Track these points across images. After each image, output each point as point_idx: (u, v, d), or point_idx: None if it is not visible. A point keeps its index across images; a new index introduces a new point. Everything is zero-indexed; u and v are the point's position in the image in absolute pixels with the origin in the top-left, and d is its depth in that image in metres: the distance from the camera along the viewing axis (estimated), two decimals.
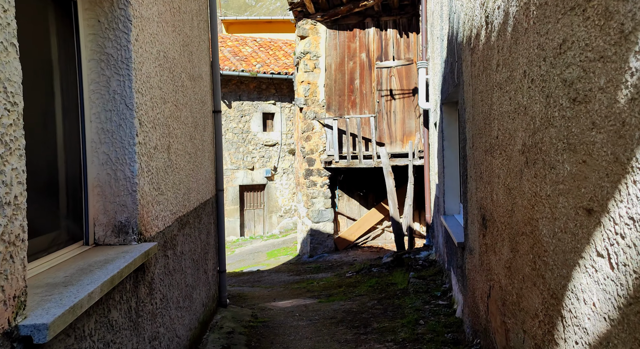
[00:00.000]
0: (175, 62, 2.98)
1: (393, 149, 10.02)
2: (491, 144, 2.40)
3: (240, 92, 14.51)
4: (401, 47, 9.90)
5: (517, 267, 1.89)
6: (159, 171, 2.42)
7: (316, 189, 10.42)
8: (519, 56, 1.78)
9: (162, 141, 2.50)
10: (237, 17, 21.62)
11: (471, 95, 3.09)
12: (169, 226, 2.60)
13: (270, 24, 21.62)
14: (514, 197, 1.92)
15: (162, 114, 2.53)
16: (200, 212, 3.93)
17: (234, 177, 14.75)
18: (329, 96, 10.27)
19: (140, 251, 1.79)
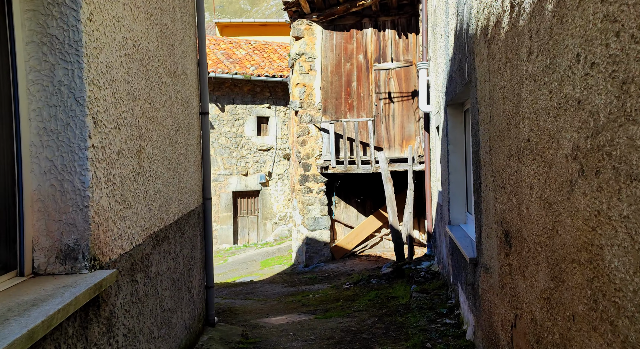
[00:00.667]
0: (151, 55, 2.59)
1: (392, 154, 9.66)
2: (519, 148, 2.03)
3: (233, 96, 14.14)
4: (400, 49, 9.57)
5: (562, 301, 1.52)
6: (125, 180, 2.04)
7: (312, 195, 10.03)
8: (566, 37, 1.42)
9: (129, 144, 2.11)
10: (231, 20, 21.28)
11: (487, 93, 2.73)
12: (138, 244, 2.21)
13: (265, 27, 21.30)
14: (557, 214, 1.55)
15: (131, 113, 2.15)
16: (183, 224, 3.54)
17: (227, 183, 14.35)
18: (326, 99, 9.91)
19: (90, 283, 1.41)
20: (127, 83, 2.09)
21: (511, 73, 2.14)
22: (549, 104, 1.60)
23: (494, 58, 2.50)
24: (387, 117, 9.69)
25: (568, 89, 1.42)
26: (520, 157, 2.02)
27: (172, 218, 3.10)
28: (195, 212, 4.22)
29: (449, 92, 4.82)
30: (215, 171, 14.10)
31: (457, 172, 5.05)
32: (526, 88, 1.89)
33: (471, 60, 3.27)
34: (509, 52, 2.17)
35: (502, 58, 2.32)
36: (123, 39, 2.05)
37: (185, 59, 3.88)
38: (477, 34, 3.01)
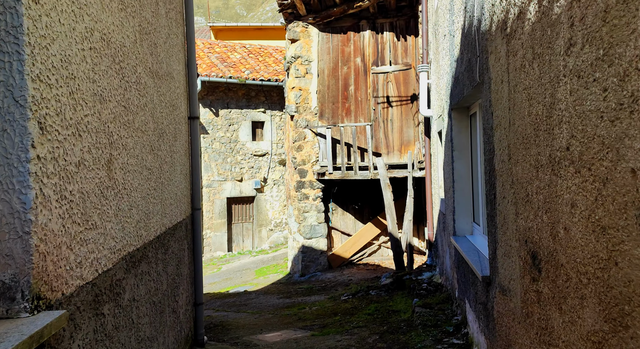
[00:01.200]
0: (126, 51, 2.28)
1: (390, 160, 9.37)
2: (553, 158, 1.73)
3: (228, 100, 13.83)
4: (398, 51, 9.30)
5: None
6: (89, 196, 1.72)
7: (308, 202, 9.71)
8: (633, 19, 1.12)
9: (95, 153, 1.80)
10: (226, 24, 21.01)
11: (506, 94, 2.43)
12: (107, 270, 1.89)
13: (260, 31, 21.03)
14: (616, 242, 1.24)
15: (97, 118, 1.83)
16: (168, 239, 3.22)
17: (222, 189, 14.01)
18: (322, 103, 9.61)
19: (25, 334, 1.09)
20: (92, 82, 1.77)
21: (541, 70, 1.84)
22: (602, 105, 1.30)
23: (516, 55, 2.20)
24: (386, 122, 9.41)
25: (635, 86, 1.12)
26: (555, 168, 1.71)
27: (154, 234, 2.78)
28: (183, 224, 3.89)
29: (454, 95, 4.53)
30: (209, 176, 13.77)
31: (463, 180, 4.75)
32: (564, 87, 1.59)
33: (483, 59, 2.98)
34: (537, 46, 1.87)
35: (526, 54, 2.02)
36: (87, 30, 1.74)
37: (171, 59, 3.57)
38: (491, 29, 2.72)
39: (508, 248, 2.53)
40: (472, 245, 4.29)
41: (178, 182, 3.73)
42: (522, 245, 2.22)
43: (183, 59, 4.22)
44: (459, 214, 4.79)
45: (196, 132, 4.41)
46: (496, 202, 2.81)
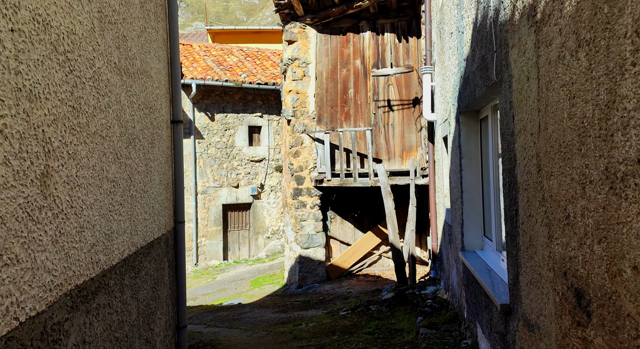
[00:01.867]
0: (77, 40, 1.88)
1: (392, 166, 8.98)
2: (613, 173, 1.33)
3: (224, 104, 13.46)
4: (400, 53, 8.92)
5: None
6: (5, 222, 1.31)
7: (306, 210, 9.31)
8: None
9: (18, 166, 1.39)
10: (223, 27, 20.69)
11: (534, 93, 2.04)
12: (36, 314, 1.48)
13: (258, 35, 20.71)
14: None
15: (24, 119, 1.43)
16: (140, 260, 2.81)
17: (217, 196, 13.61)
18: (320, 107, 9.23)
19: None
20: (14, 73, 1.37)
21: (591, 60, 1.44)
22: None
23: (550, 45, 1.81)
24: (387, 127, 9.02)
25: None
26: (615, 186, 1.31)
27: (118, 257, 2.37)
28: (162, 240, 3.49)
29: (463, 97, 4.14)
30: (204, 183, 13.37)
31: (473, 190, 4.35)
32: (633, 79, 1.19)
33: (502, 54, 2.59)
34: (584, 30, 1.48)
35: (567, 42, 1.63)
36: (5, 5, 1.34)
37: (147, 55, 3.17)
38: (513, 19, 2.33)
39: (536, 276, 2.12)
40: (483, 263, 3.88)
41: (156, 193, 3.32)
42: (558, 277, 1.81)
43: (165, 58, 3.83)
44: (468, 227, 4.39)
45: (180, 138, 4.02)
46: (518, 220, 2.41)
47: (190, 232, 13.29)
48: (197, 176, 13.28)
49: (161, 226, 3.46)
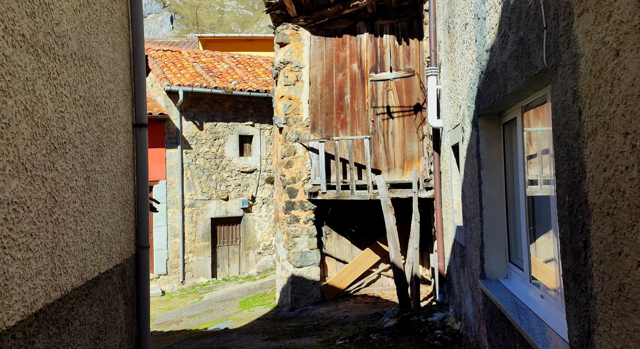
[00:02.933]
0: None
1: (392, 178, 8.30)
2: None
3: (213, 112, 12.77)
4: (400, 56, 8.30)
5: None
6: None
7: (299, 225, 8.58)
8: None
9: None
10: (215, 35, 20.08)
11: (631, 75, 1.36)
12: None
13: (250, 43, 20.13)
14: None
15: None
16: (71, 307, 2.09)
17: (205, 209, 12.85)
18: (315, 114, 8.56)
19: None
20: None
21: None
22: None
23: None
24: (386, 135, 8.36)
25: None
26: None
27: (22, 312, 1.65)
28: (114, 273, 2.76)
29: (484, 97, 3.47)
30: (191, 195, 12.62)
31: (495, 207, 3.67)
32: None
33: (560, 29, 1.92)
34: None
35: None
36: None
37: (93, 38, 2.48)
38: None
39: (635, 345, 1.42)
40: (512, 297, 3.18)
41: (105, 214, 2.61)
42: None
43: (125, 47, 3.14)
44: (490, 251, 3.69)
45: (144, 144, 3.31)
46: (590, 256, 1.72)
47: (176, 248, 12.51)
48: (185, 188, 12.54)
49: (113, 255, 2.74)
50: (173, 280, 12.53)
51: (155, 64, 13.00)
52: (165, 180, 12.32)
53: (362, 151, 8.41)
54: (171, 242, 12.49)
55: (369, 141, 7.98)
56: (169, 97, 12.15)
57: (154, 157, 12.09)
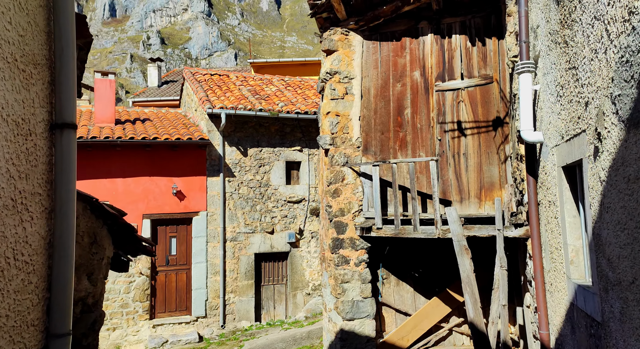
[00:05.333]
0: None
1: (465, 210, 6.60)
2: None
3: (258, 137, 11.68)
4: (474, 60, 6.73)
5: None
6: None
7: (349, 268, 7.03)
8: None
9: None
10: (267, 60, 19.43)
11: None
12: None
13: (304, 67, 19.27)
14: None
15: None
16: None
17: (249, 244, 11.60)
18: (367, 133, 7.12)
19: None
20: None
21: None
22: None
23: None
24: (457, 157, 6.72)
25: None
26: None
27: None
28: None
29: None
30: (234, 228, 11.44)
31: None
32: None
33: None
34: None
35: None
36: None
37: None
38: None
39: None
40: None
41: None
42: None
43: (41, 25, 1.88)
44: None
45: (71, 156, 2.00)
46: None
47: (217, 288, 11.29)
48: (226, 220, 11.40)
49: None
50: (212, 323, 11.26)
51: (200, 88, 12.22)
52: (206, 211, 11.26)
53: (426, 177, 6.81)
54: (211, 280, 11.30)
55: (435, 164, 6.37)
56: (211, 122, 11.22)
57: (194, 186, 11.11)
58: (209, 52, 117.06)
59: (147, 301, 10.77)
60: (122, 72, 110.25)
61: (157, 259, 11.08)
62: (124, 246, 3.68)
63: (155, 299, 11.00)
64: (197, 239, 11.23)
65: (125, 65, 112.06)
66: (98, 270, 3.27)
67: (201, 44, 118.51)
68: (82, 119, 11.63)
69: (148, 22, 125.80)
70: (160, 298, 11.08)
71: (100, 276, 3.32)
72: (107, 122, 11.26)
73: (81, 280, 3.05)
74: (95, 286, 3.20)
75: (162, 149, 10.84)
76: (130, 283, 10.64)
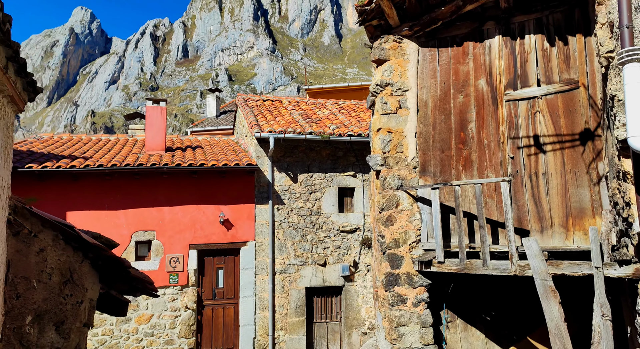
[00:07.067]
0: None
1: (548, 242, 5.41)
2: None
3: (309, 162, 11.02)
4: (553, 63, 5.67)
5: None
6: None
7: (406, 309, 5.99)
8: None
9: None
10: (322, 86, 19.06)
11: None
12: None
13: (359, 92, 18.65)
14: None
15: None
16: None
17: (299, 276, 10.78)
18: (425, 151, 6.19)
19: None
20: None
21: None
22: None
23: None
24: (535, 178, 5.60)
25: None
26: None
27: None
28: None
29: None
30: (283, 259, 10.70)
31: None
32: None
33: None
34: None
35: None
36: None
37: None
38: None
39: None
40: None
41: None
42: None
43: None
44: None
45: None
46: None
47: (265, 324, 10.50)
48: (275, 251, 10.69)
49: None
50: None
51: (250, 113, 11.88)
52: (254, 241, 10.64)
53: (496, 202, 5.72)
54: (259, 316, 10.53)
55: (508, 185, 5.29)
56: (260, 147, 10.74)
57: (242, 215, 10.57)
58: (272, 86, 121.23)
59: (193, 338, 10.17)
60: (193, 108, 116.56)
61: (204, 293, 10.53)
62: (116, 284, 3.01)
63: (201, 335, 10.39)
64: (244, 271, 10.59)
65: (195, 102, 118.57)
66: (73, 317, 2.58)
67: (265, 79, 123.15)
68: (135, 147, 11.60)
69: (217, 61, 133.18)
70: (207, 334, 10.45)
71: (76, 325, 2.62)
72: (158, 149, 11.12)
73: (44, 332, 2.35)
74: (68, 338, 2.51)
75: (210, 176, 10.46)
76: (176, 318, 10.12)
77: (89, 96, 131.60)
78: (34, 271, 2.28)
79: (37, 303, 2.29)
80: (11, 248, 2.18)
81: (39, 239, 2.34)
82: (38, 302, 2.28)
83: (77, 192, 9.75)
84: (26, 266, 2.23)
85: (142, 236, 10.05)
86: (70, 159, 9.78)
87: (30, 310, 2.21)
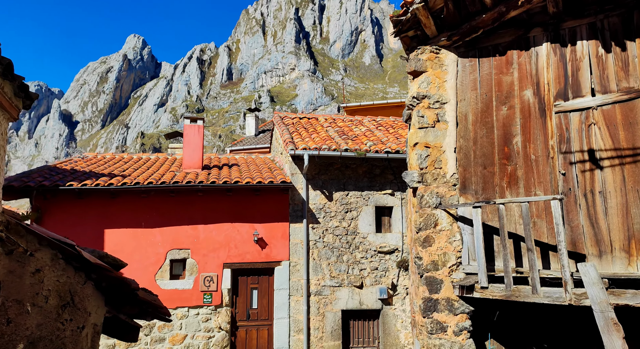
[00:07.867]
0: None
1: (607, 267, 4.83)
2: None
3: (345, 180, 10.73)
4: (610, 71, 5.17)
5: None
6: None
7: (446, 338, 5.51)
8: None
9: None
10: (360, 103, 18.84)
11: None
12: None
13: (398, 108, 18.27)
14: None
15: None
16: None
17: (335, 298, 10.39)
18: (465, 168, 5.77)
19: None
20: None
21: None
22: None
23: None
24: (591, 196, 5.05)
25: None
26: None
27: None
28: None
29: None
30: (318, 280, 10.36)
31: None
32: None
33: None
34: None
35: None
36: None
37: None
38: None
39: None
40: None
41: None
42: None
43: None
44: None
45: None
46: None
47: (300, 347, 10.13)
48: (310, 271, 10.38)
49: None
50: None
51: (286, 130, 11.78)
52: (289, 261, 10.38)
53: (546, 223, 5.21)
54: (294, 339, 10.19)
55: (559, 204, 4.79)
56: (294, 164, 10.57)
57: (276, 234, 10.36)
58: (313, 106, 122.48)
59: None
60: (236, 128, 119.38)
61: (238, 313, 10.32)
62: (125, 307, 2.80)
63: None
64: (279, 291, 10.32)
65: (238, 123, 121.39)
66: (73, 344, 2.37)
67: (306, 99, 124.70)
68: (173, 165, 11.71)
69: (260, 83, 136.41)
70: None
71: None
72: (195, 167, 11.17)
73: None
74: None
75: (244, 194, 10.36)
76: (209, 339, 9.93)
77: (139, 118, 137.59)
78: (29, 294, 2.09)
79: (31, 329, 2.08)
80: (3, 268, 2.01)
81: (36, 259, 2.17)
82: (31, 328, 2.07)
83: (115, 210, 9.86)
84: (20, 288, 2.05)
85: (177, 254, 10.01)
86: (109, 177, 9.95)
87: (22, 337, 2.02)
